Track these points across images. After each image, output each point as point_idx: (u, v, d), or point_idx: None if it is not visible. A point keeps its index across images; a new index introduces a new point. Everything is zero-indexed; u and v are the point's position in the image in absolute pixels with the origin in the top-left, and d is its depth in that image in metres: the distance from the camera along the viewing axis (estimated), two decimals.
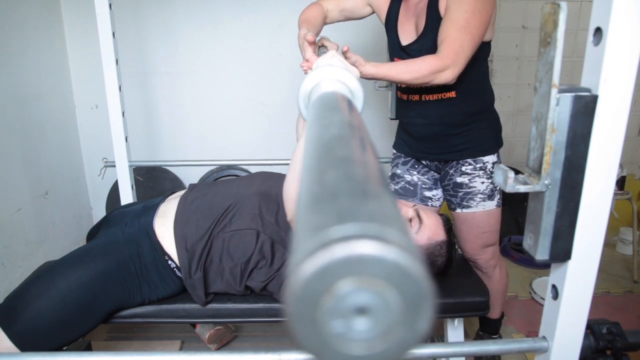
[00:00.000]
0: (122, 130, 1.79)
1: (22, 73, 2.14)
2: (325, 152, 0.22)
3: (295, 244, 0.17)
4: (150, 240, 1.24)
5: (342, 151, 0.22)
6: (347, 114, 0.29)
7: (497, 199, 1.54)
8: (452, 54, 1.22)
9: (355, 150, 0.22)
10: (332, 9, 1.52)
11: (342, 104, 0.32)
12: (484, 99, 1.50)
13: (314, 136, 0.26)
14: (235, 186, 1.33)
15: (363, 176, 0.19)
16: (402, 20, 1.47)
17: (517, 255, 2.58)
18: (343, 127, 0.26)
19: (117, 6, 1.74)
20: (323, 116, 0.29)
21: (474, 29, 1.24)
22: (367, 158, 0.22)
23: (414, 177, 1.65)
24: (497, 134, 1.54)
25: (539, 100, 0.58)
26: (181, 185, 2.72)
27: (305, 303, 0.16)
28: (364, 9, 1.55)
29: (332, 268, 0.16)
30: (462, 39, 1.23)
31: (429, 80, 1.23)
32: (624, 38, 0.54)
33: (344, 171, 0.20)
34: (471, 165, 1.51)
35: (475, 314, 1.44)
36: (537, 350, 0.71)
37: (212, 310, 1.28)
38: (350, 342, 0.17)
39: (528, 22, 2.65)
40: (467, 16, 1.23)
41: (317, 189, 0.19)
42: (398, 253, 0.16)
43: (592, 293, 0.66)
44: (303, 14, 1.48)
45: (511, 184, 0.58)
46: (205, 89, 2.62)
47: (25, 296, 1.12)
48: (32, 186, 2.17)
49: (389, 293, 0.16)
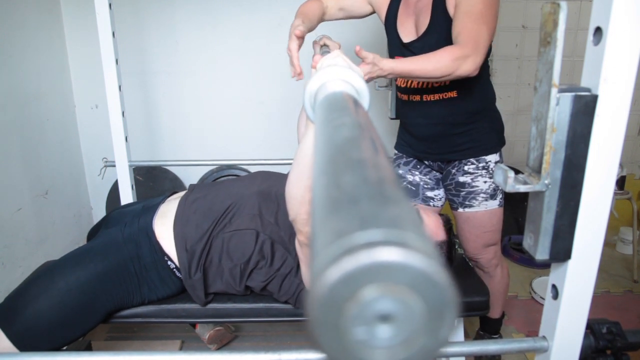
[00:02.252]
0: (122, 130, 1.79)
1: (22, 73, 2.13)
2: (339, 154, 0.22)
3: (316, 248, 0.17)
4: (150, 240, 1.24)
5: (356, 153, 0.22)
6: (356, 115, 0.29)
7: (500, 198, 1.54)
8: (472, 43, 1.19)
9: (369, 152, 0.22)
10: (332, 6, 1.52)
11: (350, 104, 0.32)
12: (485, 98, 1.50)
13: (325, 138, 0.25)
14: (235, 186, 1.33)
15: (379, 179, 0.19)
16: (401, 18, 1.47)
17: (517, 255, 2.58)
18: (354, 129, 0.25)
19: (117, 6, 1.74)
20: (332, 117, 0.28)
21: (489, 19, 1.23)
22: (380, 160, 0.22)
23: (416, 177, 1.64)
24: (499, 133, 1.54)
25: (539, 100, 0.58)
26: (181, 185, 2.72)
27: (329, 309, 0.16)
28: (364, 7, 1.54)
29: (357, 275, 0.16)
30: (479, 29, 1.21)
31: (451, 71, 1.19)
32: (624, 38, 0.54)
33: (360, 174, 0.20)
34: (474, 164, 1.51)
35: (475, 314, 1.44)
36: (537, 350, 0.71)
37: (212, 310, 1.28)
38: (372, 349, 0.17)
39: (528, 21, 2.65)
40: (480, 7, 1.22)
41: (335, 192, 0.19)
42: (422, 260, 0.16)
43: (592, 293, 0.66)
44: (301, 6, 1.47)
45: (511, 183, 0.58)
46: (205, 88, 2.62)
47: (24, 296, 1.12)
48: (32, 186, 2.17)
49: (413, 300, 0.16)
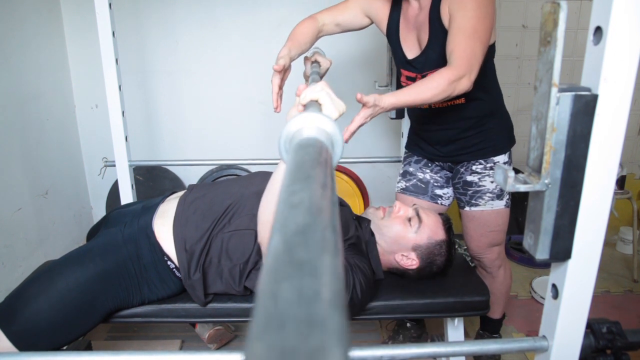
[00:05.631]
0: (122, 129, 1.79)
1: (22, 72, 2.13)
2: (287, 248, 0.22)
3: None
4: (150, 240, 1.24)
5: (302, 254, 0.21)
6: (319, 188, 0.28)
7: (506, 199, 1.54)
8: (465, 62, 1.20)
9: (316, 253, 0.22)
10: (328, 23, 1.51)
11: (317, 169, 0.31)
12: (493, 100, 1.50)
13: (281, 213, 0.25)
14: (235, 186, 1.33)
15: (315, 295, 0.19)
16: (403, 33, 1.46)
17: (517, 255, 2.58)
18: (311, 213, 0.25)
19: (116, 5, 1.74)
20: (293, 190, 0.27)
21: (482, 34, 1.23)
22: (327, 262, 0.21)
23: (427, 175, 1.66)
24: (508, 133, 1.55)
25: (539, 100, 0.57)
26: (181, 185, 2.72)
27: None
28: (362, 20, 1.53)
29: None
30: (472, 45, 1.21)
31: (449, 94, 1.20)
32: (624, 37, 0.54)
33: (297, 287, 0.19)
34: (482, 164, 1.52)
35: (475, 314, 1.45)
36: (538, 349, 0.71)
37: (212, 310, 1.28)
38: None
39: (528, 21, 2.65)
40: (473, 22, 1.22)
41: (270, 305, 0.19)
42: None
43: (592, 292, 0.66)
44: (294, 29, 1.47)
45: (511, 183, 0.58)
46: (205, 88, 2.62)
47: (24, 296, 1.12)
48: (32, 185, 2.17)
49: None
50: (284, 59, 1.31)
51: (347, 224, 1.32)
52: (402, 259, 1.33)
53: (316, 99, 0.79)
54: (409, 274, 1.36)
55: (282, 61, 1.30)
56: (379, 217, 1.40)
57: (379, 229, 1.37)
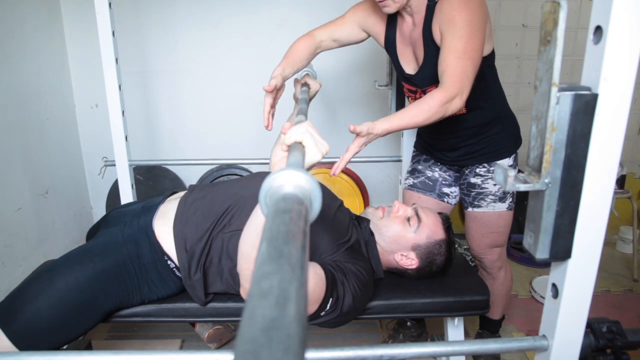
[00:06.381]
0: (122, 129, 1.79)
1: (22, 72, 2.13)
2: (254, 348, 0.22)
3: None
4: (150, 240, 1.24)
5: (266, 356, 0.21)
6: (290, 270, 0.28)
7: (509, 202, 1.55)
8: (456, 82, 1.21)
9: (280, 355, 0.22)
10: (326, 39, 1.52)
11: (291, 245, 0.32)
12: (496, 106, 1.51)
13: (251, 299, 0.25)
14: (235, 187, 1.33)
15: None
16: (400, 48, 1.47)
17: (517, 254, 2.58)
18: (278, 304, 0.25)
19: (116, 5, 1.73)
20: (264, 272, 0.28)
21: (472, 52, 1.23)
22: None
23: (435, 173, 1.67)
24: (514, 135, 1.56)
25: (539, 99, 0.57)
26: (181, 185, 2.72)
27: None
28: (359, 35, 1.53)
29: None
30: (463, 65, 1.22)
31: (442, 115, 1.22)
32: (624, 36, 0.54)
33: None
34: (485, 167, 1.54)
35: (475, 313, 1.44)
36: (537, 349, 0.71)
37: (212, 309, 1.28)
38: None
39: (528, 20, 2.65)
40: (463, 42, 1.22)
41: None
42: None
43: (592, 292, 0.66)
44: (290, 47, 1.49)
45: (511, 182, 0.58)
46: (205, 87, 2.62)
47: (24, 295, 1.12)
48: (32, 185, 2.17)
49: None
50: (276, 79, 1.32)
51: (345, 226, 1.32)
52: (402, 258, 1.33)
53: (300, 141, 0.79)
54: (408, 274, 1.36)
55: (273, 81, 1.32)
56: (378, 216, 1.40)
57: (378, 228, 1.37)
